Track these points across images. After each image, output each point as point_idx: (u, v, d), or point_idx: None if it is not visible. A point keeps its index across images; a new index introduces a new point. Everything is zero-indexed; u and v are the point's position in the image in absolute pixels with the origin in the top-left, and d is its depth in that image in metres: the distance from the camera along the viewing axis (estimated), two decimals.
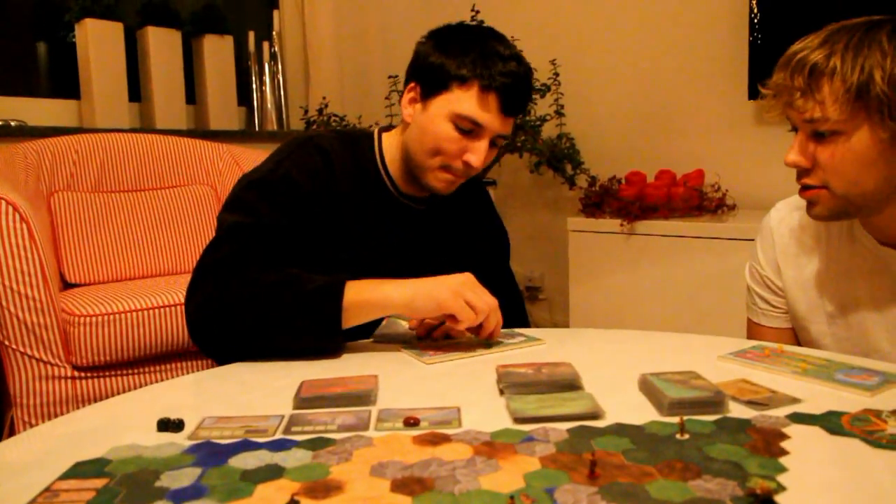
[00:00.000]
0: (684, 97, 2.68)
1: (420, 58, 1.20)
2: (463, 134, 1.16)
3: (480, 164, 1.18)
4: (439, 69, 1.16)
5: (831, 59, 0.94)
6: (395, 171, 1.27)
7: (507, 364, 0.95)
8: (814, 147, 0.98)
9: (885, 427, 0.73)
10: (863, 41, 0.93)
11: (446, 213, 1.33)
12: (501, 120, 1.16)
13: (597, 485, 0.61)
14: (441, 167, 1.19)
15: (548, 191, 3.04)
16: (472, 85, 1.14)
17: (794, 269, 1.15)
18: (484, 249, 1.39)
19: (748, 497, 0.58)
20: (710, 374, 0.88)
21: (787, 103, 0.99)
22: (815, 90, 0.94)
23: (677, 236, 2.29)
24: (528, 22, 2.95)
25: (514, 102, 1.16)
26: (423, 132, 1.18)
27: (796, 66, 0.96)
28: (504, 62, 1.14)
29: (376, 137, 1.29)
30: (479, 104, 1.14)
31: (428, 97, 1.18)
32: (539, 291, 3.13)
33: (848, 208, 1.00)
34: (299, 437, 0.75)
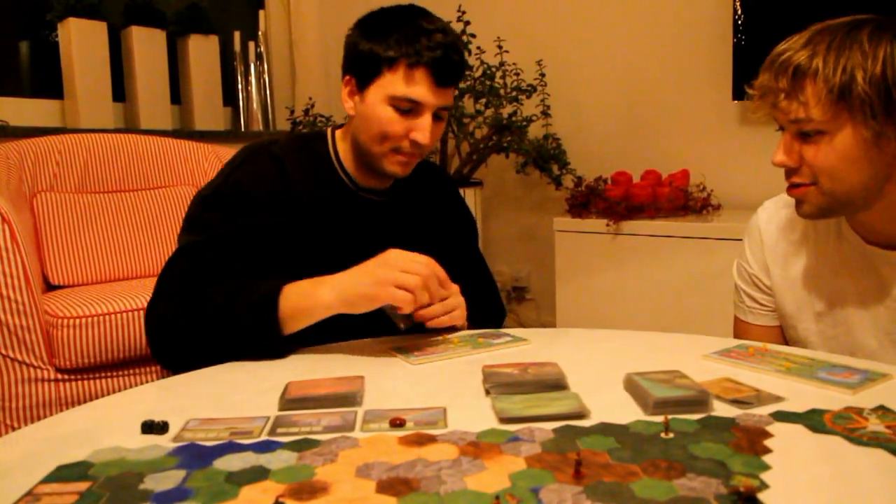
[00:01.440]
0: (670, 98, 2.69)
1: (350, 49, 1.21)
2: (404, 114, 1.16)
3: (429, 140, 1.18)
4: (368, 56, 1.16)
5: (814, 59, 0.94)
6: (351, 166, 1.27)
7: (493, 364, 0.95)
8: (800, 146, 0.99)
9: (866, 424, 0.74)
10: (844, 42, 0.94)
11: (409, 201, 1.33)
12: (437, 93, 1.16)
13: (582, 484, 0.61)
14: (391, 150, 1.19)
15: (534, 191, 3.05)
16: (401, 64, 1.14)
17: (782, 267, 1.16)
18: (450, 234, 1.39)
19: (732, 495, 0.59)
20: (694, 374, 0.89)
21: (772, 104, 1.00)
22: (798, 91, 0.95)
23: (663, 236, 2.30)
24: (515, 22, 2.96)
25: (446, 73, 1.16)
26: (367, 121, 1.19)
27: (780, 68, 0.97)
28: (429, 36, 1.14)
29: (330, 136, 1.29)
30: (411, 82, 1.14)
31: (364, 86, 1.19)
32: (526, 291, 3.13)
33: (835, 206, 1.01)
34: (285, 439, 0.75)
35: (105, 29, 2.62)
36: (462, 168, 2.81)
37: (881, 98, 0.92)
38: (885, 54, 0.92)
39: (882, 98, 0.92)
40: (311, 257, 1.20)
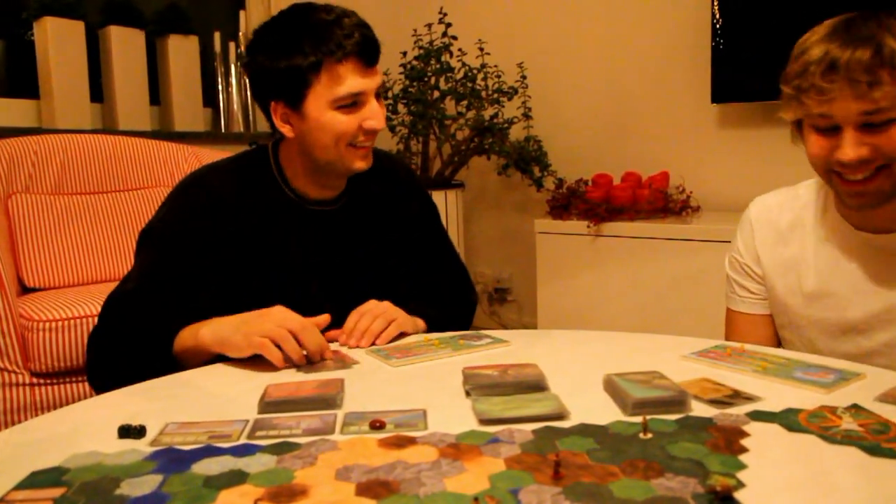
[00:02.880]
0: (649, 101, 2.71)
1: (262, 75, 1.16)
2: (350, 109, 1.14)
3: (382, 123, 1.17)
4: (289, 72, 1.12)
5: (885, 49, 0.93)
6: (300, 182, 1.23)
7: (474, 366, 0.95)
8: (866, 138, 0.97)
9: (839, 423, 0.75)
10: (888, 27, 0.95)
11: (361, 205, 1.29)
12: (371, 75, 1.15)
13: (561, 485, 0.62)
14: (348, 147, 1.16)
15: (515, 193, 3.06)
16: (329, 65, 1.11)
17: (773, 255, 1.18)
18: (409, 226, 1.35)
19: (709, 494, 0.59)
20: (673, 374, 0.89)
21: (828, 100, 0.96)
22: (877, 82, 0.93)
23: (643, 238, 2.32)
24: (496, 25, 2.97)
25: (371, 53, 1.14)
26: (317, 133, 1.15)
27: (849, 64, 0.94)
28: (339, 25, 1.12)
29: (271, 154, 1.25)
30: (346, 78, 1.12)
31: (298, 103, 1.14)
32: (507, 293, 3.14)
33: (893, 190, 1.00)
34: (264, 442, 0.75)
35: (82, 28, 2.59)
36: (443, 170, 2.81)
37: None
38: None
39: None
40: (263, 280, 1.19)
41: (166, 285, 1.13)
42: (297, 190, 1.24)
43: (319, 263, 1.23)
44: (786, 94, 1.03)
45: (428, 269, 1.36)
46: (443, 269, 1.39)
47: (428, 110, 2.69)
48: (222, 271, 1.17)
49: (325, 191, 1.25)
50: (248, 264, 1.19)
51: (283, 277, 1.20)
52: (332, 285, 1.23)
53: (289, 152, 1.23)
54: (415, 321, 1.20)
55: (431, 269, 1.36)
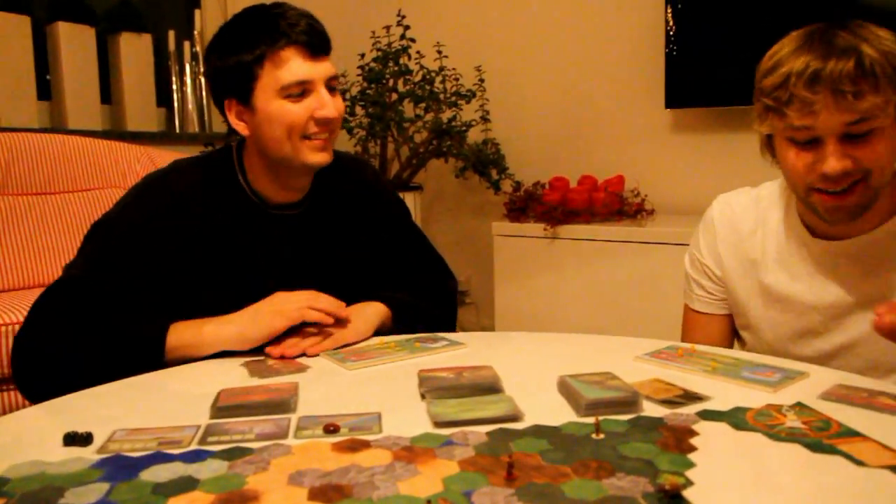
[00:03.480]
0: (605, 105, 2.75)
1: (216, 75, 1.18)
2: (299, 99, 1.13)
3: (335, 111, 1.15)
4: (238, 68, 1.13)
5: (865, 59, 0.93)
6: (262, 183, 1.21)
7: (429, 368, 0.95)
8: (848, 149, 0.96)
9: (784, 420, 0.77)
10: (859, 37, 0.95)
11: (325, 208, 1.27)
12: (318, 64, 1.14)
13: (514, 486, 0.62)
14: (302, 139, 1.15)
15: (473, 196, 3.07)
16: (272, 54, 1.12)
17: (734, 256, 1.19)
18: (377, 226, 1.33)
19: (658, 493, 0.60)
20: (626, 375, 0.91)
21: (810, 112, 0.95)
22: (862, 94, 0.93)
23: (599, 240, 2.35)
24: (454, 28, 2.98)
25: (316, 43, 1.14)
26: (267, 126, 1.14)
27: (831, 75, 0.93)
28: (283, 16, 1.13)
29: (235, 156, 1.23)
30: (290, 65, 1.12)
31: (248, 98, 1.14)
32: (466, 295, 3.15)
33: (872, 202, 1.01)
34: (215, 448, 0.74)
35: (28, 23, 2.52)
36: (402, 172, 2.80)
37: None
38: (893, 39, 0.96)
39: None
40: (223, 285, 1.17)
41: (116, 276, 1.10)
42: (260, 193, 1.22)
43: (282, 269, 1.22)
44: (762, 107, 1.02)
45: (403, 261, 1.35)
46: (419, 259, 1.38)
47: (386, 112, 2.68)
48: (180, 274, 1.14)
49: (287, 193, 1.23)
50: (208, 269, 1.16)
51: (245, 283, 1.17)
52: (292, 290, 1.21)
53: (249, 153, 1.22)
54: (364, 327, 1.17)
55: (407, 261, 1.36)
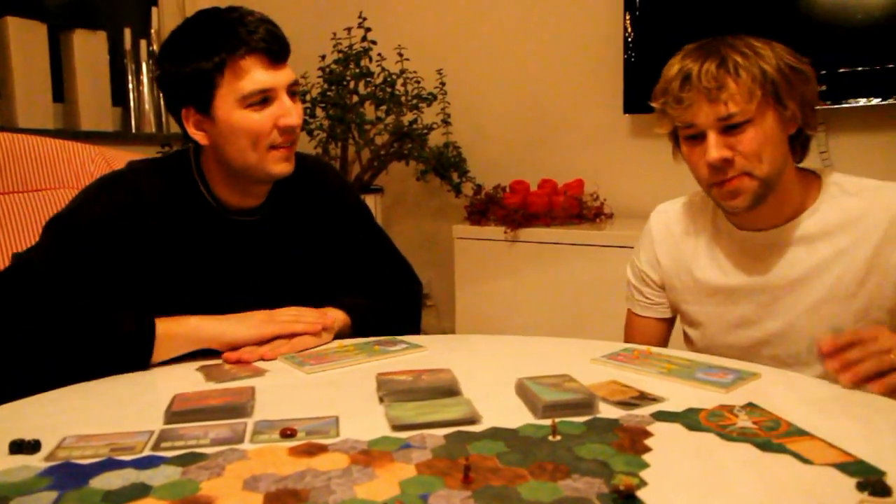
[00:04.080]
0: (565, 110, 2.78)
1: (171, 82, 1.14)
2: (261, 107, 1.11)
3: (298, 119, 1.14)
4: (195, 76, 1.10)
5: (729, 61, 1.05)
6: (222, 190, 1.19)
7: (388, 372, 0.95)
8: (728, 140, 1.07)
9: (735, 421, 0.78)
10: (738, 45, 1.07)
11: (286, 213, 1.26)
12: (279, 71, 1.12)
13: (470, 489, 0.62)
14: (269, 150, 1.13)
15: (434, 198, 3.07)
16: (232, 62, 1.09)
17: (670, 259, 1.27)
18: (339, 230, 1.32)
19: (613, 494, 0.61)
20: (583, 377, 0.92)
21: (688, 108, 1.07)
22: (725, 88, 1.05)
23: (558, 243, 2.37)
24: (416, 31, 2.98)
25: (277, 49, 1.12)
26: (231, 137, 1.12)
27: (699, 77, 1.05)
28: (241, 22, 1.10)
29: (193, 160, 1.21)
30: (251, 74, 1.09)
31: (207, 108, 1.11)
32: (427, 298, 3.15)
33: (765, 191, 1.09)
34: (169, 454, 0.72)
35: None
36: (363, 175, 2.79)
37: (785, 83, 1.06)
38: (772, 49, 1.08)
39: (785, 83, 1.06)
40: (181, 288, 1.15)
41: (77, 271, 1.07)
42: (219, 198, 1.20)
43: (244, 276, 1.20)
44: (657, 110, 1.14)
45: (367, 265, 1.34)
46: (383, 263, 1.38)
47: (347, 114, 2.67)
48: (139, 275, 1.12)
49: (247, 199, 1.21)
50: (168, 273, 1.14)
51: (206, 290, 1.15)
52: (258, 298, 1.18)
53: (207, 159, 1.19)
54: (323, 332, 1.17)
55: (371, 264, 1.35)
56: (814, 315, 1.12)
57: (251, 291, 1.16)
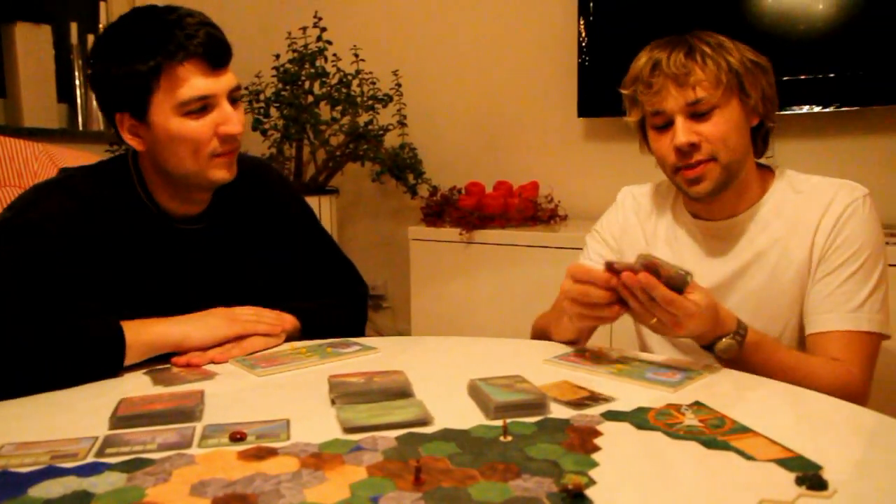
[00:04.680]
0: (521, 113, 2.80)
1: (103, 84, 1.09)
2: (200, 115, 1.07)
3: (239, 127, 1.10)
4: (129, 79, 1.04)
5: (695, 51, 1.11)
6: (163, 196, 1.16)
7: (340, 374, 0.94)
8: (695, 126, 1.11)
9: (682, 419, 0.80)
10: (702, 39, 1.13)
11: (230, 218, 1.23)
12: (220, 77, 1.08)
13: (421, 490, 0.62)
14: (210, 158, 1.09)
15: (390, 200, 3.06)
16: (169, 67, 1.04)
17: (631, 235, 1.31)
18: (287, 233, 1.30)
19: (562, 493, 0.62)
20: (535, 378, 0.93)
21: (657, 94, 1.12)
22: (692, 75, 1.10)
23: (513, 245, 2.39)
24: (371, 32, 2.96)
25: (217, 54, 1.07)
26: (169, 145, 1.08)
27: (668, 65, 1.10)
28: (180, 26, 1.05)
29: (132, 168, 1.16)
30: (189, 80, 1.05)
31: (143, 113, 1.07)
32: (383, 300, 3.14)
33: (728, 178, 1.13)
34: (113, 460, 0.71)
35: None
36: (318, 176, 2.77)
37: (749, 74, 1.11)
38: (735, 45, 1.13)
39: (749, 74, 1.11)
40: (125, 298, 1.10)
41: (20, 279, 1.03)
42: (161, 205, 1.16)
43: (190, 285, 1.17)
44: (626, 99, 1.19)
45: (313, 268, 1.33)
46: (328, 265, 1.36)
47: (301, 115, 2.64)
48: (80, 284, 1.08)
49: (189, 205, 1.18)
50: (111, 283, 1.10)
51: (152, 300, 1.12)
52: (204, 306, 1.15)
53: (146, 166, 1.16)
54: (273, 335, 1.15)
55: (316, 267, 1.34)
56: (752, 303, 1.16)
57: (197, 300, 1.13)
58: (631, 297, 0.96)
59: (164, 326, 1.06)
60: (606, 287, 0.98)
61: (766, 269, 1.16)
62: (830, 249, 1.11)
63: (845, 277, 1.10)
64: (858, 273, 1.09)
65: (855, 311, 1.08)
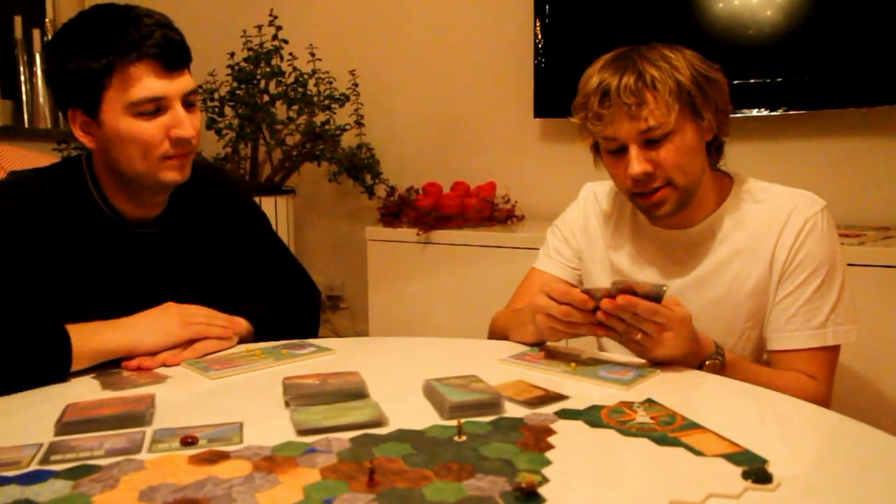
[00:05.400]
0: (478, 113, 2.81)
1: (57, 79, 1.07)
2: (153, 117, 1.05)
3: (193, 131, 1.08)
4: (81, 75, 1.03)
5: (645, 74, 1.07)
6: (118, 199, 1.14)
7: (294, 376, 0.93)
8: (649, 153, 1.10)
9: (635, 417, 0.81)
10: (652, 56, 1.10)
11: (185, 222, 1.22)
12: (174, 80, 1.06)
13: (375, 492, 0.62)
14: (160, 160, 1.08)
15: (347, 200, 3.05)
16: (122, 66, 1.02)
17: (592, 233, 1.31)
18: (240, 238, 1.29)
19: (515, 492, 0.62)
20: (491, 377, 0.93)
21: (609, 125, 1.09)
22: (645, 103, 1.07)
23: (470, 245, 2.39)
24: (328, 31, 2.94)
25: (173, 56, 1.06)
26: (119, 145, 1.06)
27: (618, 91, 1.07)
28: (136, 25, 1.04)
29: (86, 170, 1.15)
30: (142, 80, 1.03)
31: (95, 111, 1.05)
32: (340, 300, 3.12)
33: (686, 199, 1.14)
34: (58, 467, 0.69)
35: None
36: (274, 176, 2.74)
37: (700, 94, 1.09)
38: (684, 58, 1.10)
39: (699, 92, 1.09)
40: (79, 303, 1.08)
41: None
42: (116, 208, 1.14)
43: (144, 289, 1.14)
44: (577, 124, 1.16)
45: (266, 273, 1.32)
46: (281, 271, 1.35)
47: (257, 114, 2.61)
48: (33, 289, 1.05)
49: (144, 208, 1.16)
50: (63, 288, 1.08)
51: (106, 304, 1.09)
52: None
53: (99, 166, 1.13)
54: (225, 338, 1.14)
55: (268, 273, 1.32)
56: (710, 313, 1.17)
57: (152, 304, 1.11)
58: (615, 321, 0.97)
59: (115, 331, 1.03)
60: (583, 309, 0.98)
61: (726, 280, 1.16)
62: (791, 266, 1.12)
63: (808, 296, 1.11)
64: (821, 289, 1.11)
65: (819, 327, 1.11)
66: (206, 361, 1.05)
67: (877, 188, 2.14)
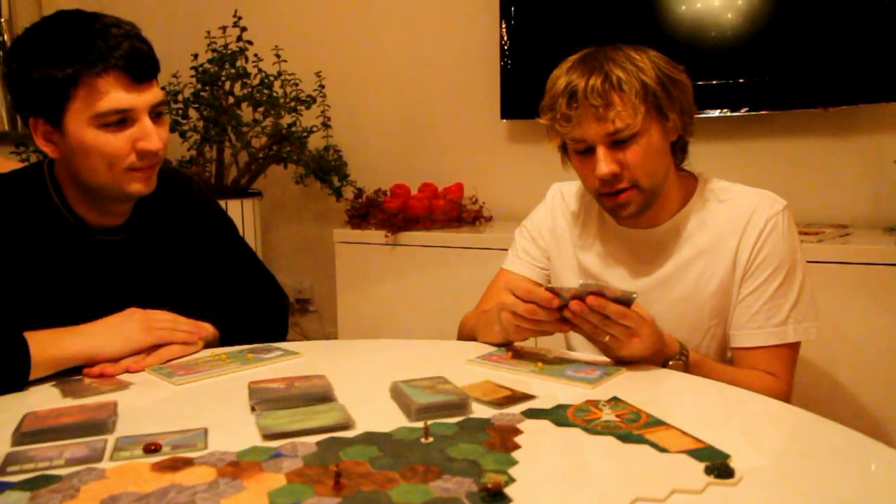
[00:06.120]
0: (445, 115, 2.82)
1: (20, 86, 1.04)
2: (118, 129, 1.03)
3: (159, 144, 1.06)
4: (45, 84, 1.00)
5: (611, 76, 1.08)
6: (81, 207, 1.12)
7: (260, 380, 0.93)
8: (616, 155, 1.11)
9: (600, 415, 0.82)
10: (617, 58, 1.10)
11: (151, 229, 1.20)
12: (142, 91, 1.04)
13: (341, 495, 0.62)
14: (126, 171, 1.06)
15: (315, 202, 3.03)
16: (88, 77, 1.00)
17: (560, 233, 1.31)
18: (206, 244, 1.28)
19: (481, 492, 0.63)
20: (458, 378, 0.93)
21: (576, 126, 1.10)
22: (611, 105, 1.08)
23: (438, 246, 2.40)
24: (293, 32, 2.92)
25: (141, 67, 1.04)
26: (82, 156, 1.04)
27: (585, 93, 1.08)
28: (104, 35, 1.01)
29: (48, 177, 1.12)
30: (108, 92, 1.01)
31: (58, 120, 1.02)
32: (309, 303, 3.10)
33: (651, 200, 1.15)
34: (16, 478, 0.68)
35: None
36: (240, 178, 2.71)
37: (666, 96, 1.10)
38: (649, 59, 1.11)
39: (665, 93, 1.10)
40: (42, 312, 1.05)
41: None
42: (80, 216, 1.12)
43: (108, 296, 1.12)
44: (545, 125, 1.16)
45: (232, 280, 1.30)
46: (247, 277, 1.34)
47: (222, 116, 2.58)
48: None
49: (107, 217, 1.14)
50: (25, 297, 1.05)
51: (69, 312, 1.07)
52: None
53: (62, 175, 1.11)
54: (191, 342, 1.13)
55: (235, 279, 1.31)
56: (675, 311, 1.19)
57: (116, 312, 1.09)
58: (583, 322, 0.98)
59: (74, 338, 1.01)
60: (548, 307, 0.99)
61: (691, 280, 1.18)
62: (753, 266, 1.14)
63: (770, 294, 1.13)
64: (782, 287, 1.13)
65: (781, 325, 1.13)
66: (169, 367, 1.03)
67: (834, 187, 2.20)
